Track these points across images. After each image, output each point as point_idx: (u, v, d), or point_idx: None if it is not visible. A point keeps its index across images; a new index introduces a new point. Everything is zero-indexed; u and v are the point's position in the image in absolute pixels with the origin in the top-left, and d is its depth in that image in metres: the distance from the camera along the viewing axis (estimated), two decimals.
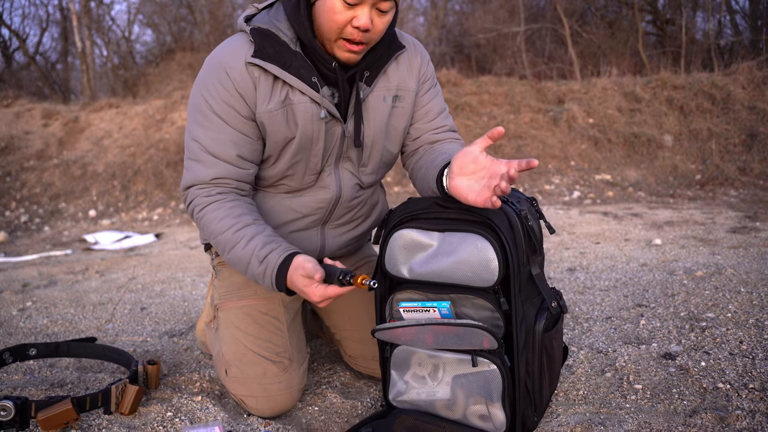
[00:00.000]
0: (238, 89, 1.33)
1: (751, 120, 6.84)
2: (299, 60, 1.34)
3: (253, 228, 1.34)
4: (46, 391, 1.68)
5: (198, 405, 1.52)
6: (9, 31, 13.94)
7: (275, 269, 1.28)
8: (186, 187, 1.40)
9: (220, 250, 1.37)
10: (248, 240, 1.32)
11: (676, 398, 1.45)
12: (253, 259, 1.30)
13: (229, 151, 1.35)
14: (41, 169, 6.81)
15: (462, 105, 7.25)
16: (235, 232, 1.33)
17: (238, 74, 1.32)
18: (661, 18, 11.82)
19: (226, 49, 1.35)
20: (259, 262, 1.30)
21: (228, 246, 1.33)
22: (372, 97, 1.42)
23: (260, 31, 1.34)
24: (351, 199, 1.51)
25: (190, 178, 1.38)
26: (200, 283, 3.14)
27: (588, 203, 5.69)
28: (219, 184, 1.37)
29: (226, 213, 1.34)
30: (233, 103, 1.34)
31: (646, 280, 2.60)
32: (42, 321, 2.50)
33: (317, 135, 1.38)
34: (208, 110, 1.35)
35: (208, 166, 1.36)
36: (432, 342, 1.30)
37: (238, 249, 1.32)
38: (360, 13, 1.25)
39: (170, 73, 11.32)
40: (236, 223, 1.33)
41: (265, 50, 1.32)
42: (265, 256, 1.29)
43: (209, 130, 1.35)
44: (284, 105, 1.35)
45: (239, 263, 1.33)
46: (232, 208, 1.35)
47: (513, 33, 11.94)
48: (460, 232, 1.28)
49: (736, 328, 1.87)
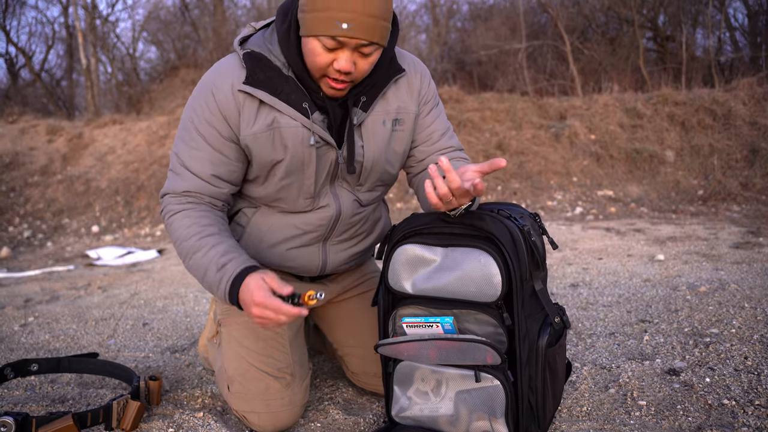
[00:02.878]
0: (221, 111, 1.35)
1: (752, 135, 6.85)
2: (291, 86, 1.34)
3: (217, 237, 1.34)
4: (47, 407, 1.67)
5: (200, 421, 1.51)
6: (16, 49, 14.10)
7: (232, 277, 1.27)
8: (162, 194, 1.44)
9: (182, 257, 1.37)
10: (209, 248, 1.32)
11: (680, 415, 1.44)
12: (210, 266, 1.30)
13: (205, 168, 1.38)
14: (45, 184, 6.84)
15: (464, 121, 7.28)
16: (199, 239, 1.34)
17: (223, 96, 1.34)
18: (662, 35, 11.90)
19: (217, 71, 1.37)
20: (217, 270, 1.30)
21: (190, 252, 1.34)
22: (370, 121, 1.40)
23: (253, 55, 1.34)
24: (352, 216, 1.51)
25: (166, 187, 1.42)
26: (203, 299, 3.14)
27: (590, 219, 5.68)
28: (190, 196, 1.40)
29: (193, 221, 1.36)
30: (215, 123, 1.36)
31: (649, 295, 2.59)
32: (44, 336, 2.50)
33: (308, 159, 1.38)
34: (191, 127, 1.38)
35: (183, 179, 1.39)
36: (435, 357, 1.29)
37: (198, 256, 1.32)
38: (341, 56, 1.24)
39: (174, 89, 11.40)
40: (201, 231, 1.35)
41: (255, 76, 1.33)
42: (224, 264, 1.29)
43: (189, 146, 1.38)
44: (271, 128, 1.35)
45: (197, 269, 1.34)
46: (199, 217, 1.37)
47: (514, 50, 12.03)
48: (463, 247, 1.28)
49: (741, 344, 1.86)
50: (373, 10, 1.20)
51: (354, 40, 1.22)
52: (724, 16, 11.53)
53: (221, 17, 12.59)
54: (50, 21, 19.17)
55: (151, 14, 13.68)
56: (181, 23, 13.18)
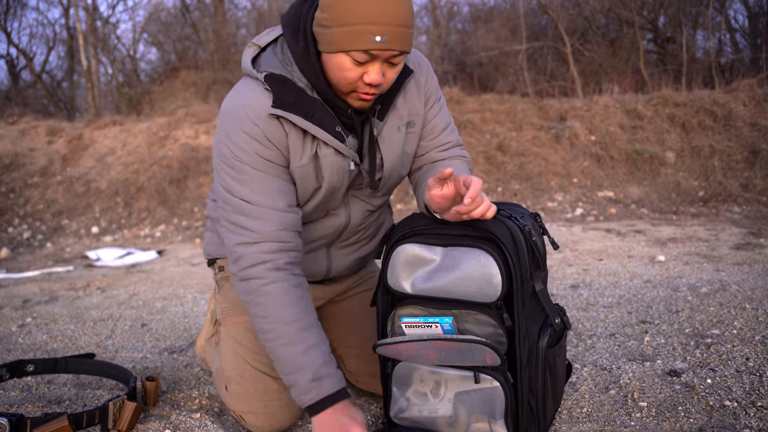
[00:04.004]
0: (271, 140, 1.26)
1: (753, 137, 6.84)
2: (320, 108, 1.27)
3: (315, 334, 1.28)
4: (43, 407, 1.66)
5: (197, 422, 1.50)
6: (17, 50, 14.10)
7: (325, 395, 1.24)
8: (240, 243, 1.27)
9: (269, 336, 1.27)
10: (309, 348, 1.26)
11: (682, 416, 1.43)
12: (307, 370, 1.24)
13: (279, 201, 1.28)
14: (45, 185, 6.83)
15: (464, 122, 7.28)
16: (300, 330, 1.26)
17: (267, 125, 1.25)
18: (662, 36, 11.90)
19: (246, 99, 1.26)
20: (312, 378, 1.24)
21: (285, 339, 1.26)
22: (386, 129, 1.38)
23: (275, 77, 1.25)
24: (359, 224, 1.51)
25: (247, 236, 1.26)
26: (201, 300, 3.13)
27: (591, 220, 5.67)
28: (285, 241, 1.28)
29: (294, 301, 1.27)
30: (268, 154, 1.26)
31: (649, 296, 2.58)
32: (41, 337, 2.48)
33: (341, 184, 1.36)
34: (242, 165, 1.26)
35: (265, 218, 1.26)
36: (434, 358, 1.28)
37: (296, 349, 1.25)
38: (371, 69, 1.19)
39: (174, 91, 11.40)
40: (302, 318, 1.27)
41: (284, 99, 1.24)
42: (321, 378, 1.25)
43: (250, 184, 1.26)
44: (314, 159, 1.31)
45: (288, 362, 1.26)
46: (300, 296, 1.29)
47: (515, 51, 12.02)
48: (463, 247, 1.27)
49: (743, 345, 1.85)
50: (403, 20, 1.16)
51: (387, 52, 1.18)
52: (724, 18, 11.53)
53: (222, 19, 12.59)
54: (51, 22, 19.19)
55: (151, 16, 13.69)
56: (182, 25, 13.18)
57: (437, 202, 1.24)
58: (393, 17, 1.14)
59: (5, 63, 14.49)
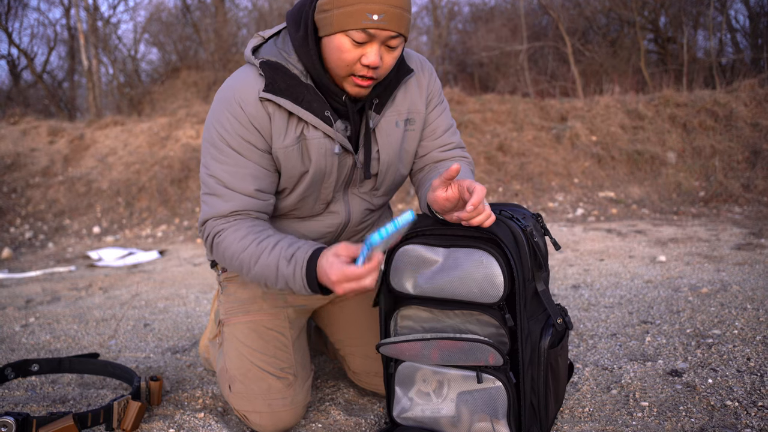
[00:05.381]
0: (253, 123, 1.31)
1: (754, 137, 6.84)
2: (311, 93, 1.32)
3: (276, 236, 1.31)
4: (47, 407, 1.67)
5: (200, 422, 1.51)
6: (18, 51, 14.11)
7: (305, 262, 1.23)
8: (204, 221, 1.37)
9: (244, 270, 1.32)
10: (273, 246, 1.28)
11: (683, 416, 1.44)
12: (280, 261, 1.26)
13: (248, 185, 1.33)
14: (46, 185, 6.84)
15: (465, 123, 7.28)
16: (258, 244, 1.29)
17: (252, 108, 1.30)
18: (663, 36, 11.90)
19: (238, 83, 1.33)
20: (288, 261, 1.25)
21: (253, 259, 1.29)
22: (384, 123, 1.41)
23: (270, 64, 1.32)
24: (359, 223, 1.52)
25: (208, 212, 1.35)
26: (204, 300, 3.13)
27: (592, 220, 5.68)
28: (238, 215, 1.35)
29: (246, 231, 1.32)
30: (249, 137, 1.32)
31: (650, 296, 2.58)
32: (45, 337, 2.49)
33: (330, 169, 1.38)
34: (223, 144, 1.32)
35: (227, 199, 1.33)
36: (437, 357, 1.29)
37: (263, 257, 1.28)
38: (369, 50, 1.23)
39: (175, 91, 11.41)
40: (258, 236, 1.31)
41: (276, 84, 1.30)
42: (293, 254, 1.25)
43: (226, 165, 1.33)
44: (299, 140, 1.34)
45: (266, 271, 1.28)
46: (251, 226, 1.33)
47: (516, 51, 12.03)
48: (465, 247, 1.28)
49: (744, 345, 1.85)
50: (400, 2, 1.22)
51: (385, 32, 1.22)
52: (725, 18, 11.52)
53: (222, 19, 12.60)
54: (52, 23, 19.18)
55: (152, 16, 13.69)
56: (183, 25, 13.19)
57: (440, 204, 1.25)
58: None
59: (6, 63, 14.50)
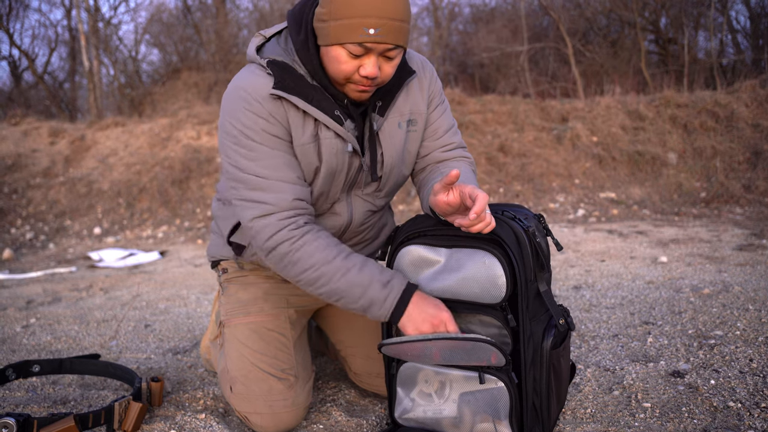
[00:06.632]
0: (275, 116, 1.30)
1: (755, 138, 6.84)
2: (319, 93, 1.31)
3: (357, 255, 1.31)
4: (48, 408, 1.67)
5: (201, 423, 1.51)
6: (19, 52, 14.11)
7: (400, 293, 1.27)
8: (257, 216, 1.29)
9: (319, 282, 1.29)
10: (361, 266, 1.28)
11: (686, 417, 1.43)
12: (374, 282, 1.27)
13: (289, 173, 1.31)
14: (47, 186, 6.84)
15: (466, 123, 7.28)
16: (345, 259, 1.28)
17: (270, 104, 1.29)
18: (664, 37, 11.90)
19: (248, 82, 1.31)
20: (383, 286, 1.27)
21: (338, 273, 1.27)
22: (387, 125, 1.40)
23: (277, 63, 1.30)
24: (361, 224, 1.52)
25: (263, 208, 1.29)
26: (204, 301, 3.13)
27: (593, 221, 5.67)
28: (300, 209, 1.31)
29: (327, 242, 1.29)
30: (274, 130, 1.30)
31: (652, 297, 2.58)
32: (46, 338, 2.49)
33: (341, 168, 1.38)
34: (251, 142, 1.29)
35: (276, 191, 1.29)
36: (439, 357, 1.29)
37: (351, 274, 1.27)
38: (367, 62, 1.23)
39: (176, 92, 11.42)
40: (341, 251, 1.30)
41: (286, 83, 1.29)
42: (389, 281, 1.27)
43: (260, 160, 1.29)
44: (315, 139, 1.34)
45: (352, 288, 1.27)
46: (329, 237, 1.31)
47: (516, 52, 12.03)
48: (467, 248, 1.27)
49: (746, 346, 1.85)
50: (398, 14, 1.20)
51: (382, 46, 1.21)
52: (726, 19, 11.52)
53: (223, 20, 12.61)
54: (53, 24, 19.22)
55: (153, 17, 13.71)
56: (184, 26, 13.20)
57: (442, 208, 1.25)
58: (387, 11, 1.19)
59: (8, 64, 14.49)
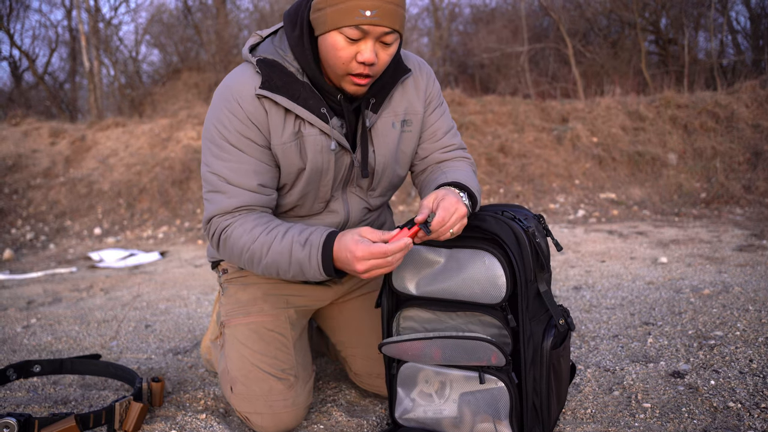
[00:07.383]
0: (251, 119, 1.32)
1: (755, 138, 6.84)
2: (307, 91, 1.33)
3: (284, 225, 1.32)
4: (49, 408, 1.67)
5: (202, 423, 1.51)
6: (20, 52, 14.10)
7: (321, 244, 1.25)
8: (208, 219, 1.37)
9: (255, 260, 1.32)
10: (284, 234, 1.30)
11: (686, 417, 1.44)
12: (294, 245, 1.27)
13: (251, 180, 1.34)
14: (47, 187, 6.85)
15: (466, 124, 7.28)
16: (268, 233, 1.30)
17: (249, 105, 1.31)
18: (664, 38, 11.90)
19: (235, 81, 1.34)
20: (302, 246, 1.27)
21: (264, 248, 1.30)
22: (380, 123, 1.41)
23: (266, 61, 1.33)
24: (359, 222, 1.52)
25: (212, 209, 1.36)
26: (205, 301, 3.13)
27: (593, 222, 5.67)
28: (242, 210, 1.35)
29: (254, 223, 1.33)
30: (249, 133, 1.33)
31: (652, 298, 2.58)
32: (46, 338, 2.49)
33: (327, 166, 1.38)
34: (223, 141, 1.33)
35: (230, 195, 1.34)
36: (440, 357, 1.29)
37: (275, 245, 1.29)
38: (364, 47, 1.24)
39: (176, 92, 11.42)
40: (266, 226, 1.32)
41: (272, 82, 1.31)
42: (307, 238, 1.27)
43: (227, 162, 1.33)
44: (296, 137, 1.35)
45: (279, 258, 1.29)
46: (257, 218, 1.34)
47: (516, 53, 12.03)
48: (467, 248, 1.28)
49: (746, 347, 1.85)
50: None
51: (379, 28, 1.22)
52: (726, 19, 11.52)
53: (224, 20, 12.61)
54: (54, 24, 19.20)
55: (153, 17, 13.71)
56: (184, 26, 13.20)
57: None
58: None
59: (8, 65, 14.49)
